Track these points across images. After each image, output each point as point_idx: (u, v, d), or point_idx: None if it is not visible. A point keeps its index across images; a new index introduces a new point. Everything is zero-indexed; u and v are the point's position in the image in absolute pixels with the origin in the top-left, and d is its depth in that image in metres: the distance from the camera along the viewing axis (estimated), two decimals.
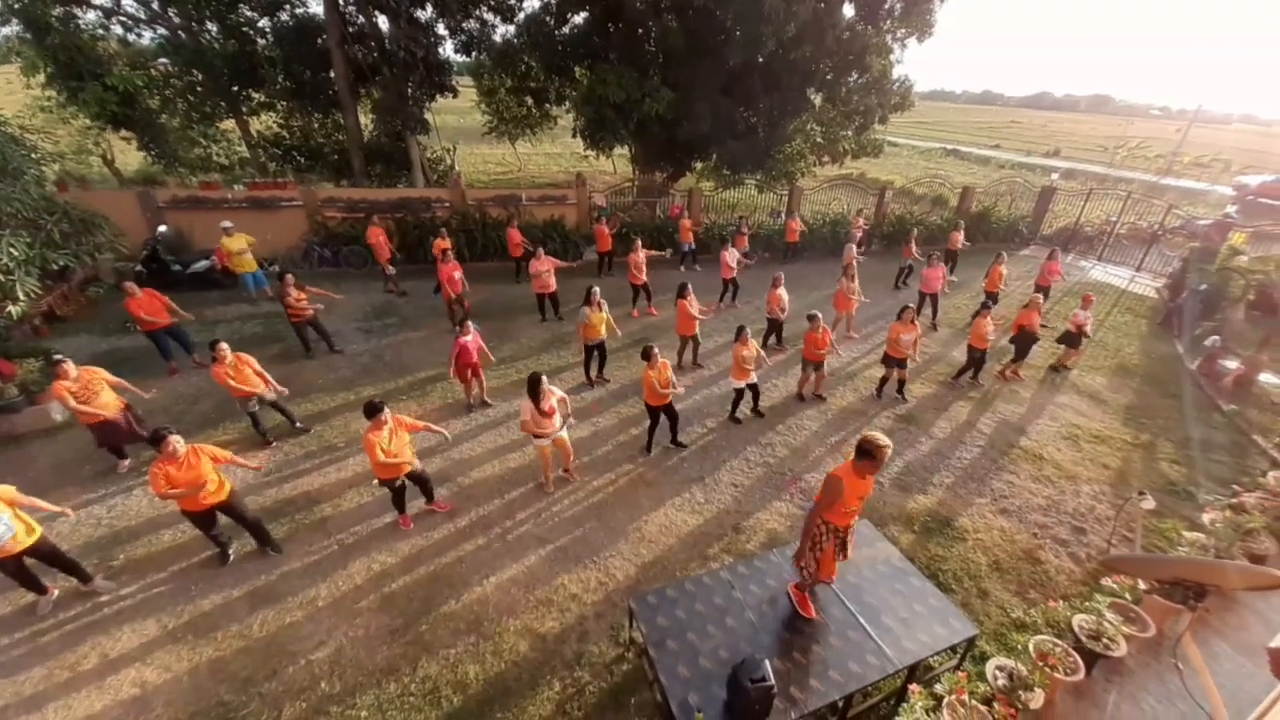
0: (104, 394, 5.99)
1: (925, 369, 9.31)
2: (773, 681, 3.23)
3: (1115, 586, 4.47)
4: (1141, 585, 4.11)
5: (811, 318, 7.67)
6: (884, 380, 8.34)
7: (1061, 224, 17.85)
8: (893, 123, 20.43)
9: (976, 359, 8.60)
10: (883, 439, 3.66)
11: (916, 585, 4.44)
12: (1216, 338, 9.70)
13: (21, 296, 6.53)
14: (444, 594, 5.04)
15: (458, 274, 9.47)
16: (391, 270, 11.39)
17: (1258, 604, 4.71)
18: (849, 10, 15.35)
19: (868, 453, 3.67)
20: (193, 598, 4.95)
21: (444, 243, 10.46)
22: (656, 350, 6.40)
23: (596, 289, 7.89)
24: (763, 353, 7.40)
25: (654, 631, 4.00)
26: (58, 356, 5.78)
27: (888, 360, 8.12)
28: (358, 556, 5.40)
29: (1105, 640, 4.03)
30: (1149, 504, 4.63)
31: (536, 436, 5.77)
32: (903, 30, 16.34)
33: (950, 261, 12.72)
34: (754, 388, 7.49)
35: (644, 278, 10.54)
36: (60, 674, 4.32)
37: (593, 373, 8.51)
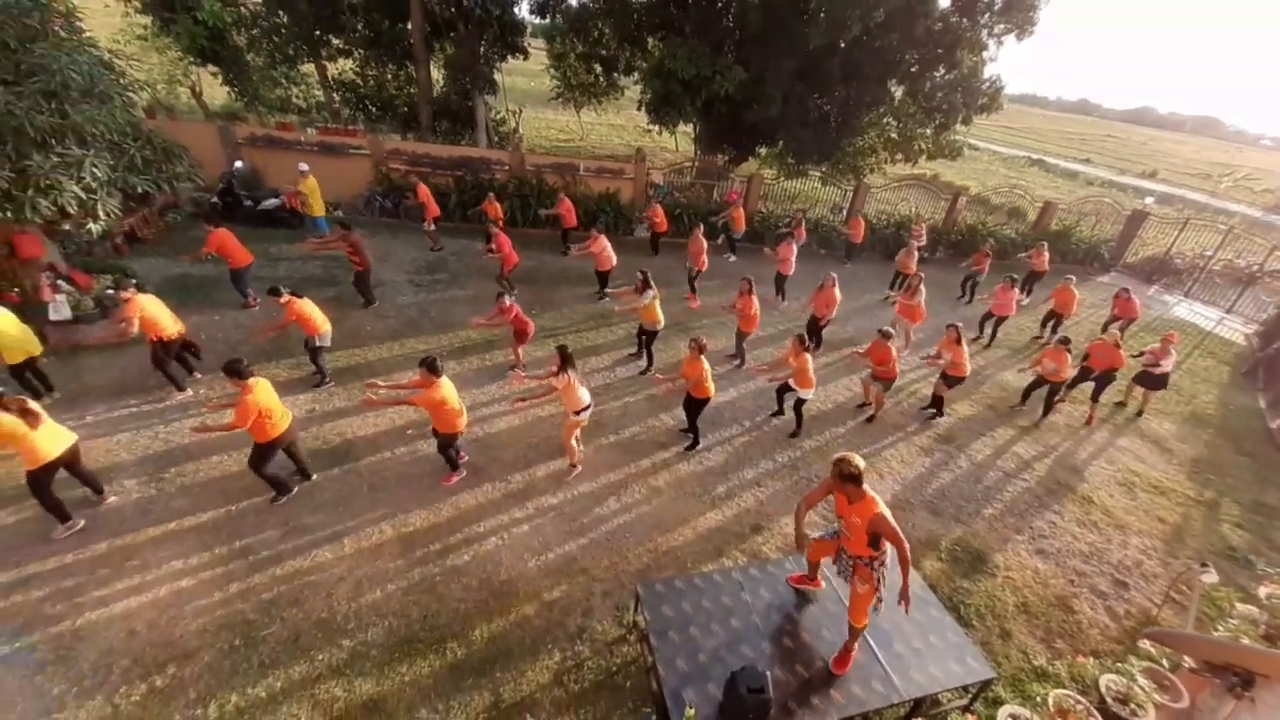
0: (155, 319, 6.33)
1: (974, 389, 8.87)
2: (771, 695, 3.18)
3: (1153, 650, 4.20)
4: (1187, 662, 3.83)
5: (885, 333, 7.19)
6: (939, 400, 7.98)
7: (1149, 252, 16.55)
8: (976, 124, 19.22)
9: (1055, 388, 8.02)
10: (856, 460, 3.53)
11: (935, 616, 4.28)
12: None
13: (102, 216, 6.82)
14: (461, 550, 5.18)
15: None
16: (433, 227, 11.41)
17: None
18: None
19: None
20: (233, 521, 5.25)
21: (495, 209, 10.49)
22: (701, 348, 6.22)
23: (645, 273, 7.79)
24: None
25: (658, 620, 4.00)
26: (122, 293, 6.17)
27: (946, 377, 7.70)
28: (385, 505, 5.59)
29: (1133, 706, 3.81)
30: (1211, 578, 4.24)
31: (575, 412, 5.78)
32: (1001, 26, 15.22)
33: (1030, 283, 12.05)
34: (800, 404, 7.10)
35: (703, 263, 10.34)
36: (103, 573, 4.66)
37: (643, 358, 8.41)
